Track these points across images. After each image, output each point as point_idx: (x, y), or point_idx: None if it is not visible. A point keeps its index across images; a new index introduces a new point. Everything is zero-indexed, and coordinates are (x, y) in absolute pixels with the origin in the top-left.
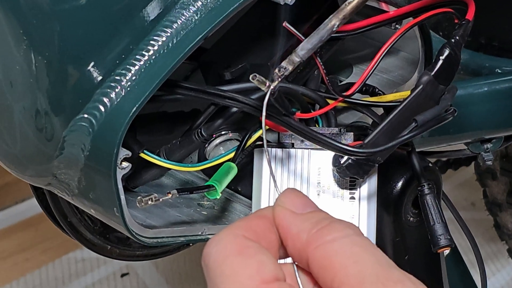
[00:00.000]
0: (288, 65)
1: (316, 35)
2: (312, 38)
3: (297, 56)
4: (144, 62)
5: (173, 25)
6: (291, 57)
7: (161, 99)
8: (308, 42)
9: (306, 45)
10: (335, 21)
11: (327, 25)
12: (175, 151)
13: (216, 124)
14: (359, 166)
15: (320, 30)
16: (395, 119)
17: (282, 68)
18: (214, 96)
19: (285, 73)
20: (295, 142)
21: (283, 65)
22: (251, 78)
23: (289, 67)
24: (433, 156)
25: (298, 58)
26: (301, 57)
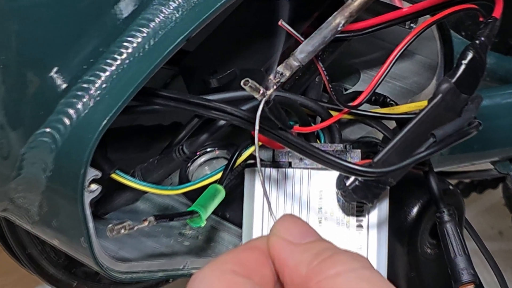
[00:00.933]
0: (285, 71)
1: (318, 36)
2: (313, 39)
3: (296, 60)
4: (116, 67)
5: (150, 24)
6: (289, 61)
7: (136, 110)
8: (308, 43)
9: (306, 48)
10: (340, 19)
11: (330, 24)
12: (152, 171)
13: (200, 140)
14: (368, 189)
15: (322, 29)
16: (410, 134)
17: (278, 74)
18: (198, 106)
19: (282, 79)
20: (293, 160)
21: (279, 71)
22: (242, 84)
23: (286, 73)
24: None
25: (297, 63)
26: (300, 61)
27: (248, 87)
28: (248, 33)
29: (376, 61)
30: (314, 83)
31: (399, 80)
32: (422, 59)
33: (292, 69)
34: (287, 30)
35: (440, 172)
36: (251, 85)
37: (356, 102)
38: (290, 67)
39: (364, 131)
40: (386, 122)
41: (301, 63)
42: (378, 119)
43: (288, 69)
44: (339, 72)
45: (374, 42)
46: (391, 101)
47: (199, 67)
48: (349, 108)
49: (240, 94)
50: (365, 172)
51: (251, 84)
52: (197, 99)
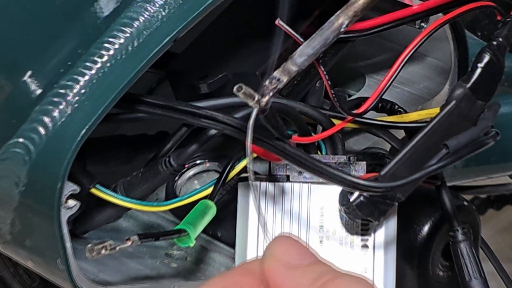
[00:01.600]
0: (282, 76)
1: (319, 37)
2: (314, 40)
3: (294, 64)
4: (97, 71)
5: (134, 23)
6: (287, 66)
7: (119, 119)
8: (308, 46)
9: (305, 50)
10: (343, 19)
11: (332, 24)
12: (136, 186)
13: (189, 151)
14: (374, 205)
15: (323, 30)
16: (420, 145)
17: (274, 80)
18: (187, 114)
19: (279, 86)
20: (291, 174)
21: (276, 76)
22: (235, 90)
23: (284, 79)
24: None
25: (295, 67)
26: (299, 65)
27: (241, 94)
28: (242, 34)
29: (383, 64)
30: (314, 88)
31: (408, 85)
32: (434, 62)
33: (290, 74)
34: (285, 30)
35: (454, 187)
36: (244, 92)
37: (361, 109)
38: (287, 72)
39: (369, 141)
40: (394, 132)
41: (300, 68)
42: (385, 128)
43: (285, 74)
44: (342, 77)
45: (380, 44)
46: (400, 108)
47: (188, 71)
48: (353, 116)
49: (233, 101)
50: (371, 186)
51: (244, 91)
52: (185, 106)
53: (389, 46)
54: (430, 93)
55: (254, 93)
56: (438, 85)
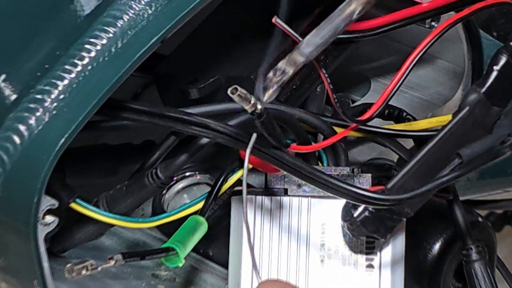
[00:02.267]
0: (288, 67)
1: (328, 25)
2: (323, 29)
3: (301, 54)
4: (77, 75)
5: (118, 23)
6: (292, 56)
7: (101, 127)
8: (317, 35)
9: (313, 40)
10: (356, 5)
11: (343, 11)
12: (120, 200)
13: (177, 162)
14: (380, 221)
15: (333, 18)
16: (431, 155)
17: (279, 71)
18: (176, 121)
19: (284, 78)
20: (290, 187)
21: (281, 67)
22: (229, 92)
23: (290, 70)
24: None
25: (303, 58)
26: (307, 55)
27: (236, 96)
28: (236, 34)
29: (389, 67)
30: (315, 93)
31: (417, 90)
32: (446, 65)
33: (297, 66)
34: (283, 29)
35: (467, 201)
36: (240, 94)
37: (366, 116)
38: (294, 63)
39: (375, 151)
40: (402, 141)
41: (308, 58)
42: (392, 137)
43: (291, 65)
44: (345, 81)
45: (387, 45)
46: (408, 116)
47: (177, 74)
48: (357, 123)
49: (227, 107)
50: (377, 199)
51: (240, 93)
52: (174, 113)
53: (396, 48)
54: (442, 99)
55: (250, 95)
56: (450, 90)
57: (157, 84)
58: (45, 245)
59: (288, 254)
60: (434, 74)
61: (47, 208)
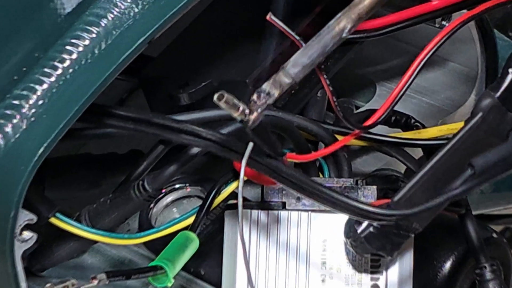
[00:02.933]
0: (273, 89)
1: (316, 45)
2: (310, 48)
3: (287, 75)
4: (57, 78)
5: (101, 22)
6: (278, 77)
7: (83, 135)
8: (304, 54)
9: (300, 59)
10: (345, 22)
11: (332, 29)
12: (103, 215)
13: (166, 174)
14: (386, 238)
15: (322, 36)
16: (441, 166)
17: (263, 94)
18: (164, 129)
19: (269, 101)
20: (288, 200)
21: (265, 89)
22: (216, 98)
23: (275, 92)
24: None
25: (288, 79)
26: (293, 77)
27: (223, 103)
28: (230, 34)
29: (396, 70)
30: (315, 99)
31: (426, 95)
32: (457, 68)
33: (282, 88)
34: (279, 28)
35: (481, 216)
36: (227, 101)
37: (370, 122)
38: (279, 85)
39: (380, 162)
40: (410, 150)
41: (294, 80)
42: (399, 146)
43: (276, 87)
44: (348, 85)
45: (394, 46)
46: (416, 123)
47: (165, 78)
48: (360, 129)
49: (219, 114)
50: (382, 214)
51: (227, 99)
52: (162, 120)
53: (404, 49)
54: (453, 105)
55: (239, 102)
56: (462, 94)
57: (144, 89)
58: (23, 263)
59: (287, 273)
60: (444, 77)
61: (24, 223)
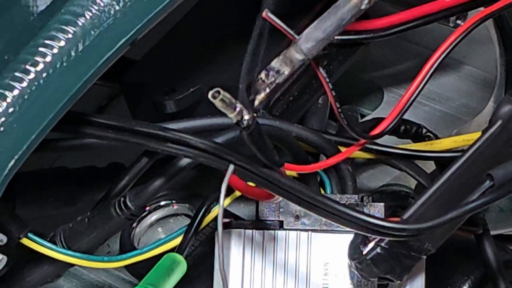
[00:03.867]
0: (283, 67)
1: (332, 16)
2: (325, 21)
3: (299, 51)
4: (29, 84)
5: (78, 21)
6: (289, 53)
7: (59, 146)
8: (318, 27)
9: (314, 34)
10: None
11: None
12: (81, 235)
13: (151, 189)
14: (395, 259)
15: (338, 8)
16: (456, 180)
17: (272, 72)
18: (149, 138)
19: (278, 80)
20: (286, 219)
21: (275, 67)
22: (211, 95)
23: (285, 70)
24: None
25: (301, 55)
26: (306, 53)
27: (218, 101)
28: (220, 35)
29: (406, 74)
30: (316, 106)
31: (440, 102)
32: (474, 72)
33: (294, 65)
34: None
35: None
36: (223, 99)
37: (377, 131)
38: (290, 62)
39: (388, 176)
40: (421, 163)
41: (307, 57)
42: (409, 159)
43: (287, 64)
44: (353, 91)
45: (403, 47)
46: (428, 133)
47: (149, 83)
48: (367, 139)
49: (210, 122)
50: (392, 229)
51: (223, 97)
52: (147, 128)
53: (414, 51)
54: (469, 113)
55: (236, 101)
56: (479, 101)
57: (126, 95)
58: None
59: None
60: (459, 82)
61: None
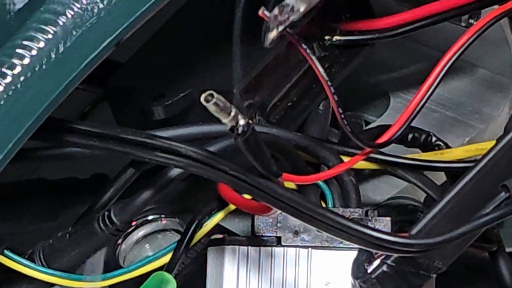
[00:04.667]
0: (298, 3)
1: None
2: None
3: None
4: (5, 88)
5: (59, 20)
6: None
7: (38, 156)
8: None
9: None
10: None
11: None
12: (62, 252)
13: (137, 202)
14: (402, 278)
15: None
16: (468, 193)
17: (286, 8)
18: (135, 146)
19: (293, 17)
20: (284, 235)
21: (289, 3)
22: (203, 99)
23: (300, 7)
24: None
25: None
26: None
27: (212, 105)
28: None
29: (414, 78)
30: (316, 113)
31: (450, 108)
32: (488, 75)
33: (310, 2)
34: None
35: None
36: (217, 102)
37: (383, 139)
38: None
39: (395, 188)
40: (430, 174)
41: None
42: (418, 170)
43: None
44: (357, 96)
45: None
46: (438, 141)
47: (136, 88)
48: (371, 147)
49: (202, 130)
50: (399, 244)
51: (217, 100)
52: (133, 135)
53: (423, 52)
54: (482, 119)
55: (231, 105)
56: (494, 107)
57: (111, 100)
58: None
59: None
60: (472, 87)
61: None
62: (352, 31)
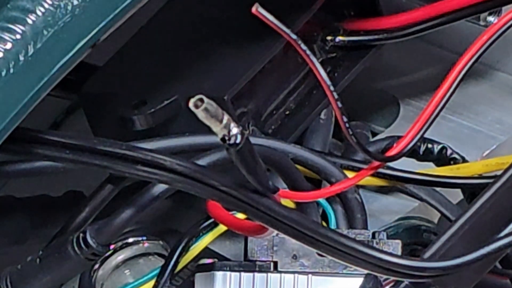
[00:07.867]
0: None
1: None
2: None
3: None
4: None
5: (28, 18)
6: None
7: (4, 171)
8: None
9: None
10: None
11: None
12: (31, 279)
13: (116, 223)
14: None
15: None
16: (487, 212)
17: None
18: (114, 159)
19: None
20: (281, 259)
21: None
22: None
23: None
24: None
25: None
26: None
27: (201, 111)
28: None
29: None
30: (317, 122)
31: (468, 117)
32: (509, 80)
33: None
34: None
35: None
36: (207, 108)
37: (392, 152)
38: None
39: (406, 207)
40: (445, 192)
41: None
42: (431, 186)
43: None
44: (363, 103)
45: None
46: (454, 155)
47: (114, 94)
48: (380, 161)
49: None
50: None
51: (207, 106)
52: (112, 147)
53: (437, 55)
54: (503, 130)
55: (223, 112)
56: None
57: (86, 108)
58: None
59: None
60: (492, 93)
61: None
62: (357, 31)
